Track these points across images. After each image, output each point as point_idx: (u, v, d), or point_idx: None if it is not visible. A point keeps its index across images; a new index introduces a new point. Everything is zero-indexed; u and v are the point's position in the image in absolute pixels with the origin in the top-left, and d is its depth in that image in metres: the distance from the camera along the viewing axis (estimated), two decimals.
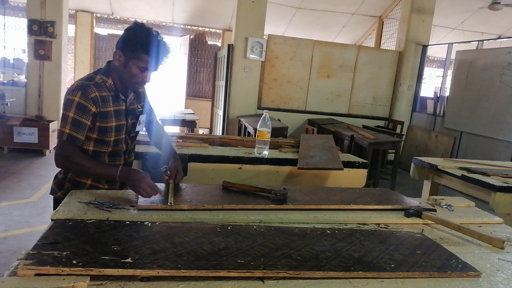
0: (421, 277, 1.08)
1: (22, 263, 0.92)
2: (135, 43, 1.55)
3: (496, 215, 1.77)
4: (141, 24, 1.59)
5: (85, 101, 1.54)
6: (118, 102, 1.67)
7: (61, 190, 1.69)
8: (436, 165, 2.94)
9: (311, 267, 1.04)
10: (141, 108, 1.81)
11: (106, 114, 1.61)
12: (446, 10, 7.96)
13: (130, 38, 1.56)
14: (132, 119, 1.75)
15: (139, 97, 1.81)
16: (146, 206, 1.42)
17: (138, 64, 1.58)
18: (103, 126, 1.62)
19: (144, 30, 1.56)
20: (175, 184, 1.70)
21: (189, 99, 9.09)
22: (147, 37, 1.55)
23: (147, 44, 1.55)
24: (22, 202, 3.91)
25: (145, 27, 1.58)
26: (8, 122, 5.65)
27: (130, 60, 1.57)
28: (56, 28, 5.93)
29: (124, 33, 1.59)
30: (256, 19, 6.42)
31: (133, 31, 1.57)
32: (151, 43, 1.55)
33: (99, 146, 1.65)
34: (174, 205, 1.45)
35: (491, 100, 5.65)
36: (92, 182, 1.69)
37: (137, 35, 1.56)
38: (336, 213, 1.55)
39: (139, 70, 1.59)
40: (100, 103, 1.58)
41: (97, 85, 1.60)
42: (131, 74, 1.60)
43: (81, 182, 1.68)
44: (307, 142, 2.96)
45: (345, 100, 7.21)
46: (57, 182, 1.72)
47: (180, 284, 0.94)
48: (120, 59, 1.59)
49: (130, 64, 1.58)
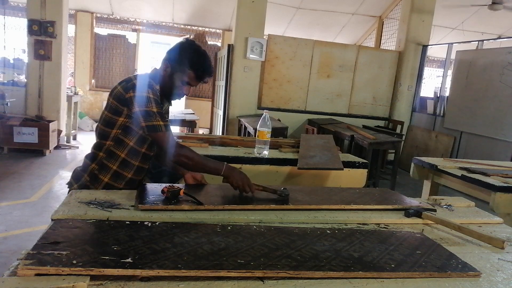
0: (421, 277, 1.08)
1: (22, 263, 0.92)
2: (184, 58, 1.68)
3: (496, 215, 1.77)
4: (191, 41, 1.76)
5: (157, 97, 1.66)
6: (160, 106, 1.73)
7: (78, 183, 1.72)
8: (436, 165, 2.94)
9: (311, 267, 1.04)
10: (168, 119, 1.91)
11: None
12: (446, 10, 7.97)
13: (180, 53, 1.70)
14: None
15: (168, 110, 1.92)
16: (148, 206, 1.41)
17: (182, 78, 1.70)
18: None
19: (194, 48, 1.72)
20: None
21: (189, 99, 9.09)
22: (194, 54, 1.70)
23: (195, 61, 1.68)
24: (22, 202, 3.91)
25: (195, 45, 1.73)
26: (8, 122, 5.64)
27: (176, 72, 1.69)
28: (56, 28, 5.92)
29: (175, 46, 1.74)
30: (256, 19, 6.42)
31: (183, 47, 1.72)
32: (198, 60, 1.69)
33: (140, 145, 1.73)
34: (174, 206, 1.44)
35: (491, 100, 5.65)
36: (109, 180, 1.72)
37: (187, 51, 1.70)
38: (336, 213, 1.55)
39: (182, 83, 1.71)
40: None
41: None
42: (174, 85, 1.72)
43: (99, 178, 1.71)
44: (307, 142, 2.96)
45: (345, 100, 7.21)
46: (75, 175, 1.77)
47: (180, 284, 0.94)
48: (167, 69, 1.71)
49: (175, 76, 1.70)
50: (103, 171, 1.71)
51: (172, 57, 1.71)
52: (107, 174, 1.71)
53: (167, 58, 1.72)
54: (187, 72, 1.68)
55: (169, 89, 1.74)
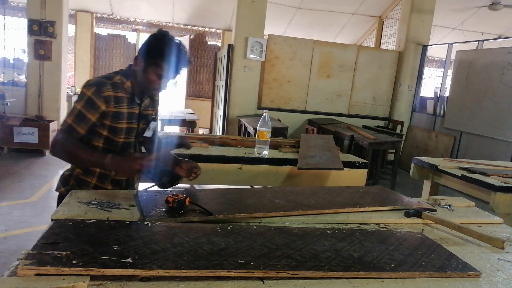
0: (421, 277, 1.08)
1: (22, 263, 0.92)
2: (155, 50, 1.58)
3: (496, 215, 1.77)
4: (164, 32, 1.62)
5: (96, 98, 1.56)
6: (132, 105, 1.69)
7: (66, 186, 1.71)
8: (436, 165, 2.94)
9: (311, 267, 1.04)
10: (154, 115, 1.84)
11: (118, 114, 1.63)
12: (446, 10, 7.96)
13: (152, 45, 1.60)
14: (143, 124, 1.78)
15: (154, 103, 1.84)
16: (154, 220, 1.32)
17: (156, 71, 1.60)
18: (114, 126, 1.63)
19: (166, 39, 1.59)
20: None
21: (189, 99, 9.09)
22: (168, 45, 1.58)
23: (167, 53, 1.58)
24: (22, 202, 3.91)
25: (168, 36, 1.60)
26: (8, 122, 5.65)
27: (149, 66, 1.60)
28: (56, 28, 5.92)
29: (147, 39, 1.63)
30: (256, 19, 6.42)
31: (155, 38, 1.60)
32: (172, 52, 1.58)
33: (108, 145, 1.67)
34: (183, 218, 1.36)
35: (491, 100, 5.65)
36: (96, 182, 1.70)
37: (158, 43, 1.58)
38: (336, 213, 1.55)
39: (157, 77, 1.62)
40: (113, 103, 1.61)
41: (115, 85, 1.63)
42: (148, 79, 1.63)
43: (86, 181, 1.69)
44: (307, 142, 2.96)
45: (345, 100, 7.21)
46: (63, 178, 1.74)
47: (180, 284, 0.94)
48: (140, 63, 1.62)
49: (149, 70, 1.61)
50: (89, 175, 1.69)
51: (144, 50, 1.62)
52: (94, 177, 1.69)
53: (140, 52, 1.63)
54: (161, 65, 1.59)
55: (144, 84, 1.66)
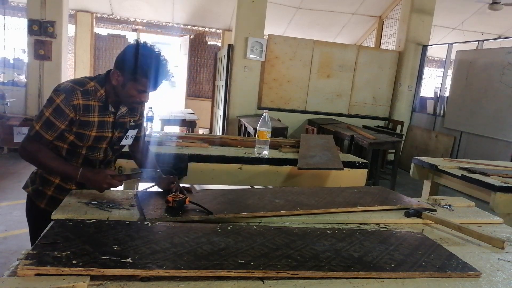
0: (421, 277, 1.08)
1: (22, 263, 0.92)
2: (133, 66, 1.49)
3: (496, 215, 1.77)
4: (142, 45, 1.53)
5: (64, 106, 1.49)
6: (105, 113, 1.61)
7: (32, 186, 1.69)
8: (436, 165, 2.94)
9: (311, 267, 1.04)
10: (133, 123, 1.74)
11: (87, 123, 1.56)
12: (446, 10, 7.96)
13: (129, 60, 1.50)
14: (119, 132, 1.69)
15: (133, 111, 1.73)
16: (155, 220, 1.34)
17: (136, 87, 1.53)
18: (81, 133, 1.57)
19: (144, 52, 1.50)
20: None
21: (189, 99, 9.08)
22: (146, 60, 1.49)
23: (146, 68, 1.49)
24: (22, 202, 3.88)
25: (146, 49, 1.51)
26: (8, 122, 5.65)
27: (128, 81, 1.53)
28: (56, 28, 5.92)
29: (123, 53, 1.54)
30: (256, 19, 6.42)
31: (132, 53, 1.51)
32: (150, 66, 1.49)
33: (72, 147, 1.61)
34: (183, 217, 1.37)
35: (491, 100, 5.65)
36: (60, 181, 1.65)
37: (136, 58, 1.49)
38: (336, 213, 1.55)
39: (137, 92, 1.55)
40: (82, 111, 1.53)
41: (86, 92, 1.55)
42: (128, 94, 1.56)
43: (49, 180, 1.65)
44: (307, 142, 2.96)
45: (345, 100, 7.21)
46: (32, 176, 1.71)
47: (180, 284, 0.94)
48: (118, 78, 1.54)
49: (128, 85, 1.53)
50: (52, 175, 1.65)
51: (121, 65, 1.52)
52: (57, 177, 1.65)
53: (117, 67, 1.54)
54: (140, 80, 1.51)
55: (125, 98, 1.58)
